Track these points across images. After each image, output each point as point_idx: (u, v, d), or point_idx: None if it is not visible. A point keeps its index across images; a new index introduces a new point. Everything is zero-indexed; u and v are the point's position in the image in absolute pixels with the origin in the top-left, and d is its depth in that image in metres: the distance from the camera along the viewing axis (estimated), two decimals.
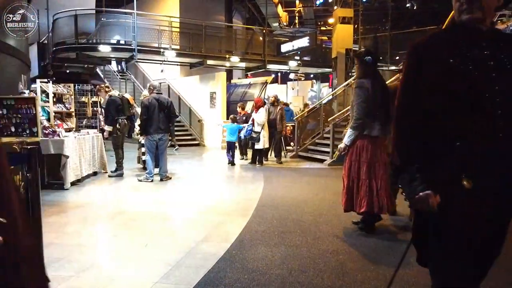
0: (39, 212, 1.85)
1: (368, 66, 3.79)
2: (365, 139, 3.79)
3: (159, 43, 14.40)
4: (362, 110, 3.70)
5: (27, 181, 1.80)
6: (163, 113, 6.86)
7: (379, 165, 3.78)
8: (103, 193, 6.14)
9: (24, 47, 10.84)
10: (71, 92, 7.94)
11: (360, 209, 3.81)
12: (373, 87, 3.73)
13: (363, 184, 3.79)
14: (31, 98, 5.53)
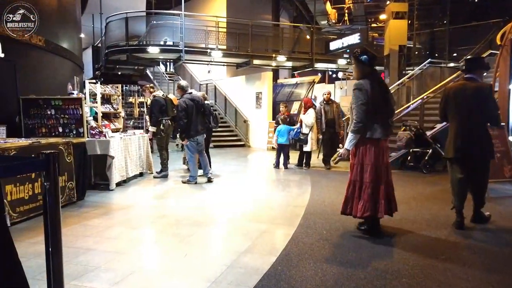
0: (58, 226, 1.59)
1: (366, 65, 3.70)
2: (367, 142, 3.69)
3: (206, 43, 14.39)
4: (362, 113, 3.61)
5: (45, 191, 1.54)
6: (200, 113, 6.70)
7: (382, 168, 3.71)
8: (146, 195, 6.04)
9: (78, 49, 11.20)
10: (118, 92, 8.00)
11: (364, 213, 3.71)
12: (372, 88, 3.62)
13: (367, 187, 3.69)
14: (78, 98, 5.54)
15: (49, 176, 1.59)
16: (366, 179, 3.71)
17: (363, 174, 3.72)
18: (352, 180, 3.81)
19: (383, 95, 3.73)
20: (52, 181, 1.60)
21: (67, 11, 10.12)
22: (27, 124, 5.67)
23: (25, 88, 6.55)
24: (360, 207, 3.72)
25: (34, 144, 4.59)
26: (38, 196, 4.58)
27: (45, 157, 1.57)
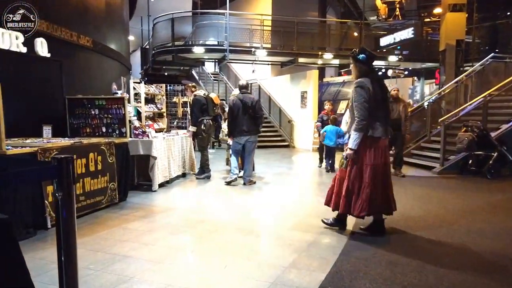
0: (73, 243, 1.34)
1: (364, 65, 3.68)
2: (367, 141, 3.66)
3: (250, 42, 14.19)
4: (365, 111, 3.58)
5: (57, 202, 1.29)
6: (248, 114, 6.44)
7: (381, 167, 3.68)
8: (187, 197, 5.87)
9: (125, 50, 11.39)
10: (162, 92, 7.94)
11: (361, 212, 3.69)
12: (373, 86, 3.60)
13: (365, 187, 3.66)
14: (121, 98, 5.46)
15: (62, 185, 1.34)
16: (365, 179, 3.67)
17: (363, 174, 3.69)
18: (351, 179, 3.75)
19: (382, 95, 3.71)
20: (66, 191, 1.36)
21: (115, 13, 10.30)
22: (72, 124, 5.68)
23: (73, 88, 6.62)
24: (357, 206, 3.69)
25: (76, 144, 4.53)
26: (79, 197, 4.52)
27: (57, 163, 1.32)
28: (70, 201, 1.38)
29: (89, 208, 4.66)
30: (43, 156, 3.97)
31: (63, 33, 6.94)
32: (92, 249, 3.44)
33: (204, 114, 7.08)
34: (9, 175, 1.28)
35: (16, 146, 4.01)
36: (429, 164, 8.65)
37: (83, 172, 4.56)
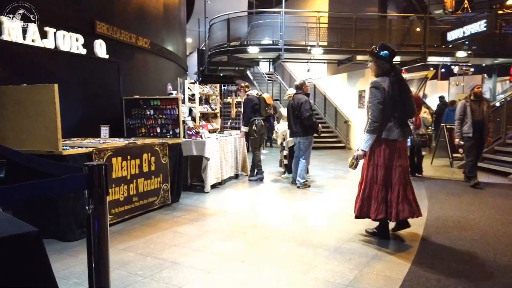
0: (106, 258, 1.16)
1: (386, 62, 3.55)
2: (382, 143, 3.57)
3: (306, 40, 13.82)
4: (378, 112, 3.49)
5: (89, 215, 1.11)
6: (295, 115, 6.30)
7: (397, 170, 3.57)
8: (240, 199, 5.70)
9: (182, 52, 11.56)
10: (217, 92, 7.87)
11: (378, 215, 3.59)
12: (391, 86, 3.47)
13: (380, 190, 3.59)
14: (175, 98, 5.42)
15: (93, 196, 1.17)
16: (379, 181, 3.59)
17: (377, 176, 3.60)
18: (368, 181, 3.67)
19: (403, 94, 3.54)
20: (98, 203, 1.18)
21: (172, 15, 10.47)
22: (129, 124, 5.75)
23: (130, 89, 6.75)
24: (373, 209, 3.62)
25: (130, 145, 4.53)
26: (133, 198, 4.51)
27: (88, 171, 1.15)
28: (103, 215, 1.20)
29: (142, 209, 4.65)
30: (98, 157, 3.99)
31: (123, 35, 7.10)
32: (142, 254, 3.36)
33: (256, 114, 6.92)
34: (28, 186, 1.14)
35: (74, 146, 4.07)
36: (504, 170, 7.78)
37: (136, 173, 4.55)
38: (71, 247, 3.51)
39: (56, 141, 3.54)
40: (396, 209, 3.55)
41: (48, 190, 1.20)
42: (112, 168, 4.19)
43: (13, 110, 3.71)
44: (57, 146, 3.55)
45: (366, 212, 3.70)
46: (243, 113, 7.11)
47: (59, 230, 3.69)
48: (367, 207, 3.68)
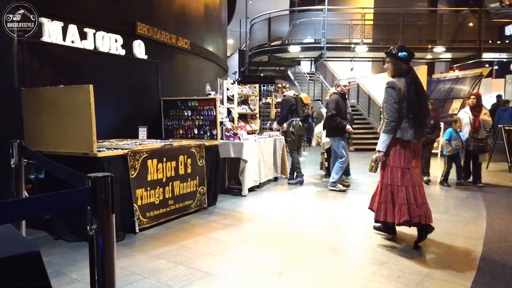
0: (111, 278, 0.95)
1: (404, 63, 3.54)
2: (397, 143, 3.56)
3: (349, 38, 13.35)
4: (394, 112, 3.50)
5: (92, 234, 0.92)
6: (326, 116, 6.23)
7: (414, 172, 3.53)
8: (278, 204, 5.46)
9: (222, 52, 11.50)
10: (256, 93, 7.69)
11: (401, 219, 3.48)
12: (408, 87, 3.48)
13: (399, 191, 3.53)
14: (212, 99, 5.28)
15: (96, 214, 0.98)
16: (397, 183, 3.53)
17: (394, 178, 3.55)
18: (384, 183, 3.63)
19: (419, 96, 3.54)
20: (101, 220, 0.99)
21: (212, 15, 10.42)
22: (167, 126, 5.70)
23: (170, 89, 6.72)
24: (396, 212, 3.52)
25: (166, 146, 4.44)
26: (168, 201, 4.41)
27: (91, 185, 0.97)
28: (109, 238, 1.02)
29: (177, 212, 4.54)
30: (133, 159, 3.91)
31: (163, 36, 7.09)
32: (175, 261, 3.21)
33: (294, 115, 6.69)
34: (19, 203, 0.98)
35: (110, 148, 4.02)
36: None
37: (172, 175, 4.45)
38: None
39: (90, 143, 3.49)
40: (419, 212, 3.47)
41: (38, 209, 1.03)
42: (147, 170, 4.11)
43: (50, 111, 3.71)
44: (91, 148, 3.50)
45: (384, 217, 3.62)
46: (280, 114, 6.95)
47: None
48: (385, 210, 3.61)
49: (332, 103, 6.07)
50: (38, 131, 3.82)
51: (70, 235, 3.74)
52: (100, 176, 0.99)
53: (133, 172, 3.92)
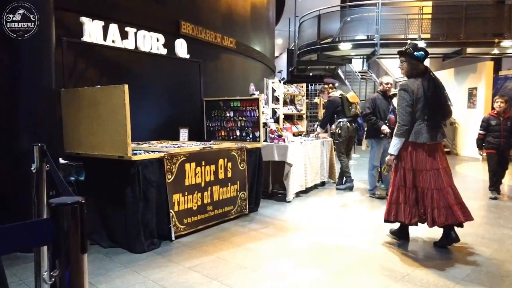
0: None
1: (420, 63, 3.48)
2: (409, 146, 3.50)
3: (405, 33, 12.50)
4: (407, 115, 3.45)
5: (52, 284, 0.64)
6: None
7: (429, 174, 3.43)
8: (325, 212, 5.05)
9: (270, 52, 11.23)
10: (303, 92, 7.31)
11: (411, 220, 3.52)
12: (424, 88, 3.40)
13: (411, 193, 3.51)
14: (255, 99, 5.01)
15: (60, 256, 0.71)
16: (409, 185, 3.54)
17: (406, 180, 3.55)
18: (396, 185, 3.61)
19: (437, 96, 3.44)
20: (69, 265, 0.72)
21: (260, 14, 10.18)
22: (209, 127, 5.51)
23: (214, 90, 6.54)
24: (407, 213, 3.55)
25: (205, 149, 4.21)
26: (207, 206, 4.19)
27: (52, 215, 0.69)
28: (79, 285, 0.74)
29: (217, 218, 4.31)
30: (169, 162, 3.73)
31: (208, 35, 6.95)
32: (208, 276, 2.96)
33: (340, 115, 6.26)
34: None
35: (148, 151, 3.87)
36: None
37: (211, 180, 4.22)
38: (137, 261, 3.27)
39: (125, 145, 3.34)
40: (432, 215, 3.42)
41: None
42: (185, 174, 3.91)
43: (88, 113, 3.62)
44: (126, 151, 3.34)
45: (394, 217, 3.63)
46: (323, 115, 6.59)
47: (127, 240, 3.49)
48: (395, 211, 3.61)
49: (368, 101, 5.70)
50: (76, 132, 3.75)
51: (106, 241, 3.63)
52: (67, 203, 0.72)
53: (169, 176, 3.73)
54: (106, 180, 3.67)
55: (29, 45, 3.32)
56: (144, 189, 3.50)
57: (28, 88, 3.37)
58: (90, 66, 4.41)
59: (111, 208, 3.63)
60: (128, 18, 4.70)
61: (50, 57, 3.46)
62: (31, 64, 3.37)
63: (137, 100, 5.34)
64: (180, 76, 5.72)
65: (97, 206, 3.70)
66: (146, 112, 5.12)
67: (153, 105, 5.26)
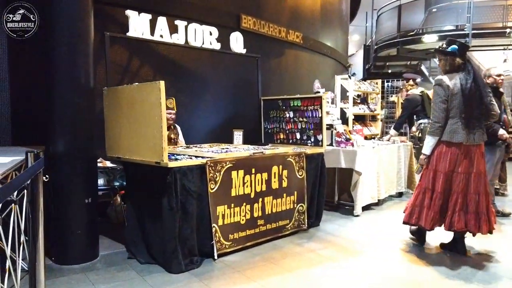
0: None
1: (456, 57, 3.28)
2: (443, 146, 3.31)
3: (504, 21, 10.82)
4: (440, 112, 3.28)
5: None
6: None
7: (459, 177, 3.25)
8: (401, 230, 4.21)
9: (342, 47, 10.39)
10: (377, 90, 6.45)
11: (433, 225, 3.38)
12: (461, 84, 3.20)
13: (437, 198, 3.33)
14: (318, 97, 4.37)
15: None
16: (437, 188, 3.32)
17: (435, 182, 3.34)
18: (423, 187, 3.42)
19: (477, 92, 3.20)
20: None
21: (331, 6, 9.41)
22: (267, 129, 4.98)
23: (277, 88, 6.05)
24: (429, 218, 3.34)
25: (255, 155, 3.68)
26: (257, 220, 3.66)
27: None
28: None
29: (269, 234, 3.76)
30: (213, 170, 3.26)
31: (271, 29, 6.46)
32: None
33: (420, 115, 5.35)
34: None
35: (192, 156, 3.45)
36: None
37: (263, 190, 3.68)
38: (170, 284, 2.84)
39: (160, 150, 2.93)
40: (451, 218, 3.29)
41: None
42: (231, 183, 3.42)
43: (126, 113, 3.30)
44: (162, 157, 2.94)
45: (416, 220, 3.45)
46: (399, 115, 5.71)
47: (164, 257, 3.09)
48: (418, 214, 3.43)
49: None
50: (117, 134, 3.45)
51: (144, 255, 3.28)
52: None
53: (213, 185, 3.27)
54: (145, 188, 3.32)
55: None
56: (182, 199, 3.08)
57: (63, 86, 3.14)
58: (136, 63, 4.15)
59: (150, 220, 3.27)
60: (178, 11, 4.37)
61: (87, 53, 3.20)
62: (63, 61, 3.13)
63: (188, 99, 5.02)
64: (235, 73, 5.29)
65: (137, 216, 3.37)
66: (197, 112, 4.77)
67: (205, 105, 4.91)
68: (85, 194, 3.21)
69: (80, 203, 3.18)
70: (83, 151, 3.23)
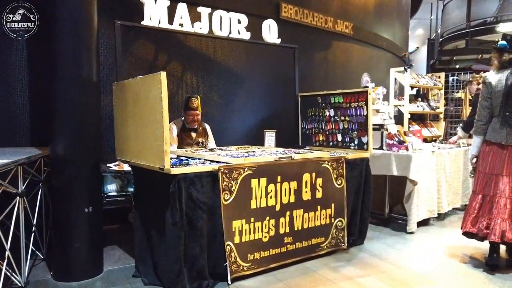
0: None
1: (505, 52, 3.11)
2: (485, 145, 3.17)
3: None
4: (482, 111, 3.19)
5: None
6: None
7: (505, 180, 3.01)
8: (467, 251, 3.41)
9: (400, 39, 9.41)
10: (440, 85, 5.55)
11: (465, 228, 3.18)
12: (506, 81, 3.03)
13: (476, 200, 3.17)
14: (363, 91, 3.70)
15: None
16: (479, 191, 3.16)
17: (477, 185, 3.18)
18: (472, 191, 3.27)
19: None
20: None
21: None
22: (304, 129, 4.38)
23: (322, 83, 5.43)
24: (467, 221, 3.18)
25: (282, 160, 3.10)
26: (284, 238, 3.09)
27: None
28: None
29: (299, 254, 3.17)
30: (227, 178, 2.75)
31: (316, 19, 5.84)
32: None
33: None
34: None
35: (206, 161, 2.97)
36: None
37: (291, 202, 3.10)
38: None
39: (162, 154, 2.48)
40: (500, 227, 2.94)
41: None
42: (250, 193, 2.88)
43: (132, 111, 2.89)
44: (163, 162, 2.48)
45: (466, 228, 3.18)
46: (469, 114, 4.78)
47: (168, 281, 2.63)
48: (465, 220, 3.22)
49: None
50: (124, 135, 3.07)
51: (150, 274, 2.85)
52: None
53: (227, 196, 2.75)
54: (151, 197, 2.90)
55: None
56: (189, 213, 2.60)
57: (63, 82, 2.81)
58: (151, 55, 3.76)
59: (156, 235, 2.83)
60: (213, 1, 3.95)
61: (89, 43, 2.84)
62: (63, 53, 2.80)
63: (223, 98, 4.56)
64: (270, 66, 4.75)
65: (145, 229, 2.96)
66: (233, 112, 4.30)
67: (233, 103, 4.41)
68: (86, 203, 2.85)
69: (80, 213, 2.82)
70: (84, 154, 2.88)
